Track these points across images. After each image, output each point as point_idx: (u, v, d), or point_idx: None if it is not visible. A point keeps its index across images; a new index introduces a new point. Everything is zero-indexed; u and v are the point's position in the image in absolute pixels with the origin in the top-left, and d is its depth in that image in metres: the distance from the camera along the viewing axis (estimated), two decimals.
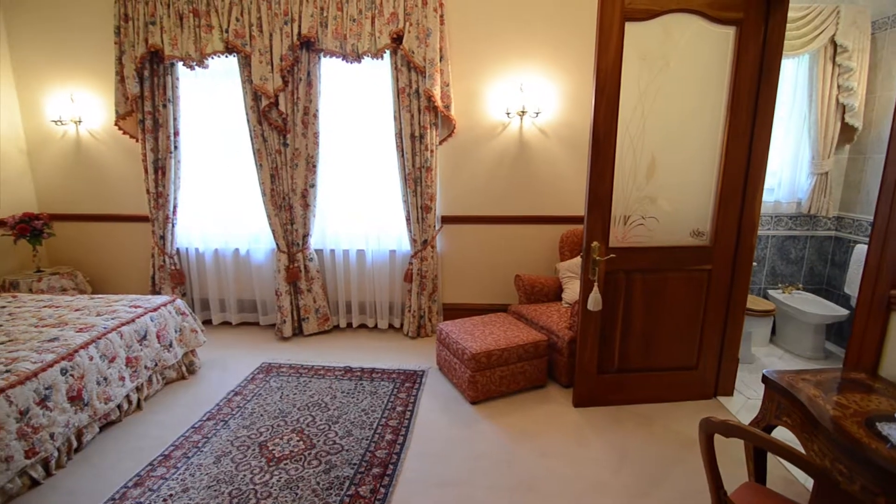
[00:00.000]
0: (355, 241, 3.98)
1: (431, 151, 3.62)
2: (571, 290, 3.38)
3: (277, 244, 3.85)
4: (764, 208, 3.42)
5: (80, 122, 4.02)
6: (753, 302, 3.42)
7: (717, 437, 1.37)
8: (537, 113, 3.61)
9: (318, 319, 3.96)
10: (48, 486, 2.19)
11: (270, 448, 2.42)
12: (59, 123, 4.02)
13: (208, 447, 2.44)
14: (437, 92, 3.47)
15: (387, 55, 3.51)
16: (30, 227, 3.84)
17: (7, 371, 2.19)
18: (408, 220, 3.74)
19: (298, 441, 2.47)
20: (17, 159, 4.11)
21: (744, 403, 2.86)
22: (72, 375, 2.36)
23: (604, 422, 2.68)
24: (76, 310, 2.98)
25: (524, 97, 3.57)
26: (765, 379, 1.86)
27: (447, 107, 3.58)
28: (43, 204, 4.27)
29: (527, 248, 3.91)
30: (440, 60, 3.48)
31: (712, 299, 2.75)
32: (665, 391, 2.86)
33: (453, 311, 4.06)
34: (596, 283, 2.54)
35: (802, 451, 1.54)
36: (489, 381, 2.85)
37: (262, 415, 2.73)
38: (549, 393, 3.01)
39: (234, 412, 2.76)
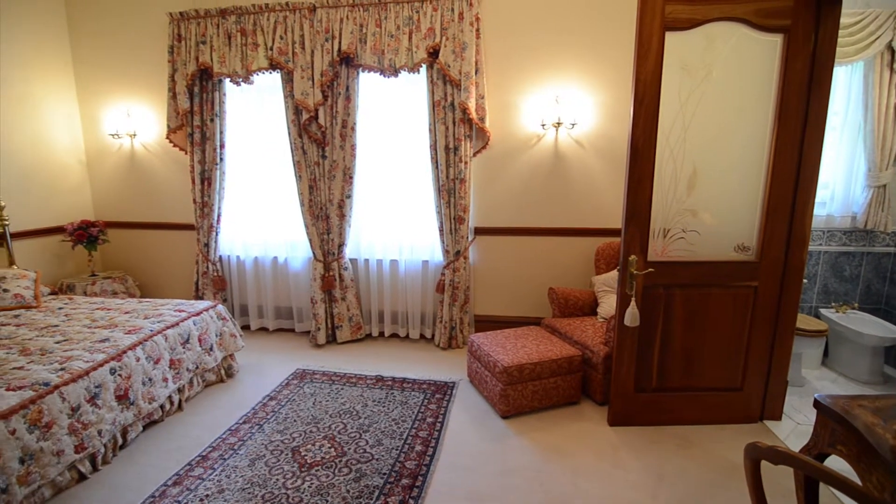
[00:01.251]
0: (389, 251, 4.03)
1: (465, 163, 3.64)
2: (607, 305, 3.30)
3: (314, 253, 3.95)
4: (815, 222, 3.25)
5: (134, 135, 4.28)
6: (804, 321, 3.24)
7: (763, 464, 1.30)
8: (573, 124, 3.58)
9: (352, 328, 4.02)
10: (94, 481, 2.29)
11: (303, 454, 2.45)
12: (115, 137, 4.29)
13: (244, 450, 2.50)
14: (472, 104, 3.49)
15: (423, 69, 3.58)
16: (86, 234, 4.09)
17: (62, 369, 2.32)
18: (441, 230, 3.76)
19: (330, 448, 2.50)
20: (77, 170, 4.40)
21: (793, 429, 2.69)
22: (120, 375, 2.48)
23: (640, 442, 2.58)
24: (125, 312, 3.14)
25: (560, 109, 3.54)
26: (817, 403, 1.75)
27: (482, 119, 3.60)
28: (99, 212, 4.54)
29: (561, 260, 3.85)
30: (476, 73, 3.51)
31: (759, 317, 2.62)
32: (707, 413, 2.73)
33: (485, 323, 4.03)
34: (633, 298, 2.46)
35: (859, 482, 1.43)
36: (521, 396, 2.81)
37: (295, 420, 2.78)
38: (582, 410, 2.93)
39: (268, 416, 2.83)
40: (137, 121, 4.25)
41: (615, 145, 3.59)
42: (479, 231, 3.91)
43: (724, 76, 2.40)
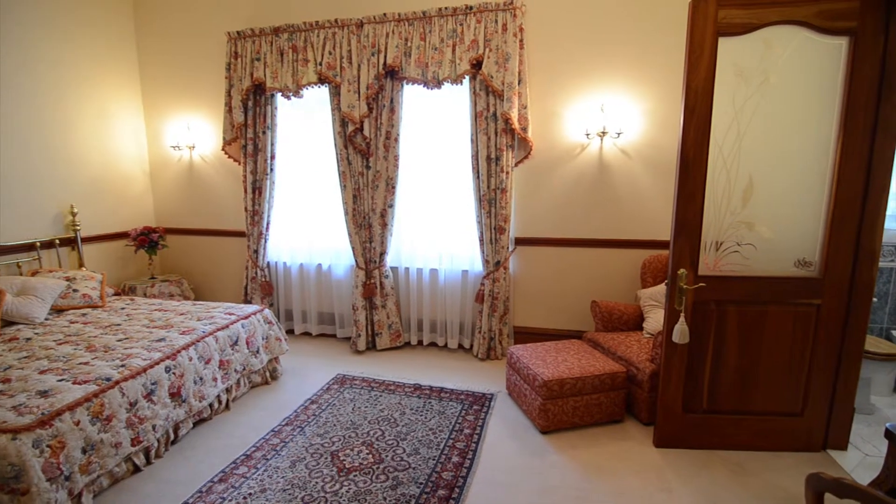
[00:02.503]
0: (429, 260, 4.05)
1: (507, 173, 3.62)
2: (654, 320, 3.18)
3: (356, 261, 4.03)
4: (887, 236, 3.02)
5: (193, 147, 4.54)
6: (873, 343, 2.99)
7: (827, 497, 1.20)
8: (619, 133, 3.50)
9: (391, 335, 4.06)
10: (147, 473, 2.41)
11: (341, 458, 2.49)
12: (176, 149, 4.57)
13: (285, 451, 2.56)
14: (514, 115, 3.49)
15: (466, 80, 3.61)
16: (148, 239, 4.36)
17: (122, 366, 2.47)
18: (481, 240, 3.76)
19: (367, 454, 2.52)
20: (141, 180, 4.72)
21: (861, 460, 2.48)
22: (174, 373, 2.61)
23: (689, 466, 2.45)
24: (181, 314, 3.31)
25: (605, 117, 3.48)
26: (888, 434, 1.61)
27: (524, 129, 3.58)
28: (159, 219, 4.84)
29: (605, 272, 3.75)
30: (519, 84, 3.50)
31: (822, 338, 2.44)
32: (763, 438, 2.56)
33: (524, 335, 3.97)
34: (682, 314, 2.36)
35: None
36: (561, 411, 2.73)
37: (335, 424, 2.82)
38: (626, 429, 2.82)
39: (309, 420, 2.89)
40: (196, 134, 4.51)
41: (664, 154, 3.48)
42: (519, 241, 3.88)
43: (783, 82, 2.28)
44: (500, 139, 3.58)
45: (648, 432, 2.75)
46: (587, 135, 3.57)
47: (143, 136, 4.71)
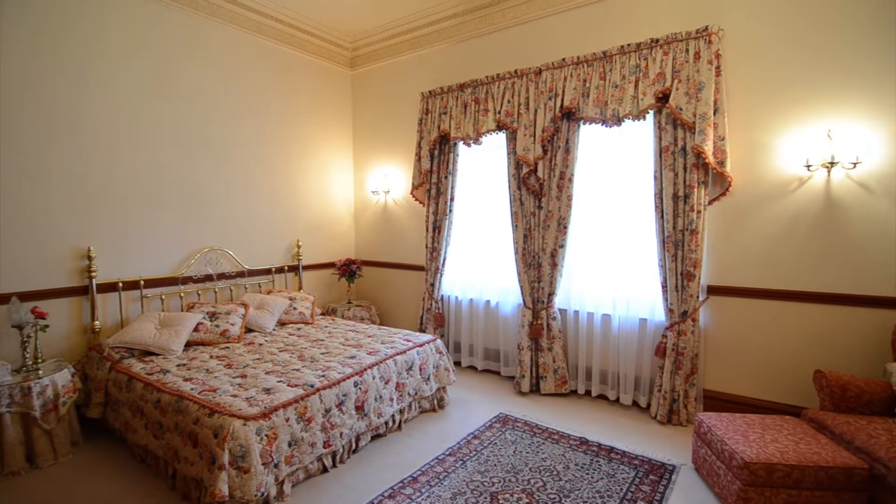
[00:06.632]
0: (601, 305, 3.81)
1: (698, 212, 3.23)
2: None
3: (524, 300, 4.02)
4: None
5: (388, 192, 5.22)
6: None
7: None
8: (854, 164, 2.83)
9: (556, 380, 3.88)
10: (332, 475, 2.71)
11: (500, 502, 2.42)
12: (374, 193, 5.32)
13: (448, 482, 2.61)
14: (708, 148, 3.13)
15: (650, 115, 3.40)
16: (349, 269, 5.10)
17: (323, 376, 2.87)
18: (664, 287, 3.38)
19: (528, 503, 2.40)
20: (347, 220, 5.59)
21: None
22: (360, 388, 2.93)
23: None
24: (369, 336, 3.73)
25: (833, 145, 2.86)
26: None
27: (721, 163, 3.17)
28: (358, 252, 5.63)
29: (834, 336, 2.99)
30: (714, 114, 3.15)
31: None
32: None
33: (717, 402, 3.37)
34: None
35: None
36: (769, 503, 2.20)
37: (495, 465, 2.78)
38: None
39: (471, 455, 2.90)
40: (391, 180, 5.19)
41: None
42: (713, 290, 3.37)
43: None
44: (689, 175, 3.24)
45: None
46: (808, 166, 2.98)
47: (351, 184, 5.61)
